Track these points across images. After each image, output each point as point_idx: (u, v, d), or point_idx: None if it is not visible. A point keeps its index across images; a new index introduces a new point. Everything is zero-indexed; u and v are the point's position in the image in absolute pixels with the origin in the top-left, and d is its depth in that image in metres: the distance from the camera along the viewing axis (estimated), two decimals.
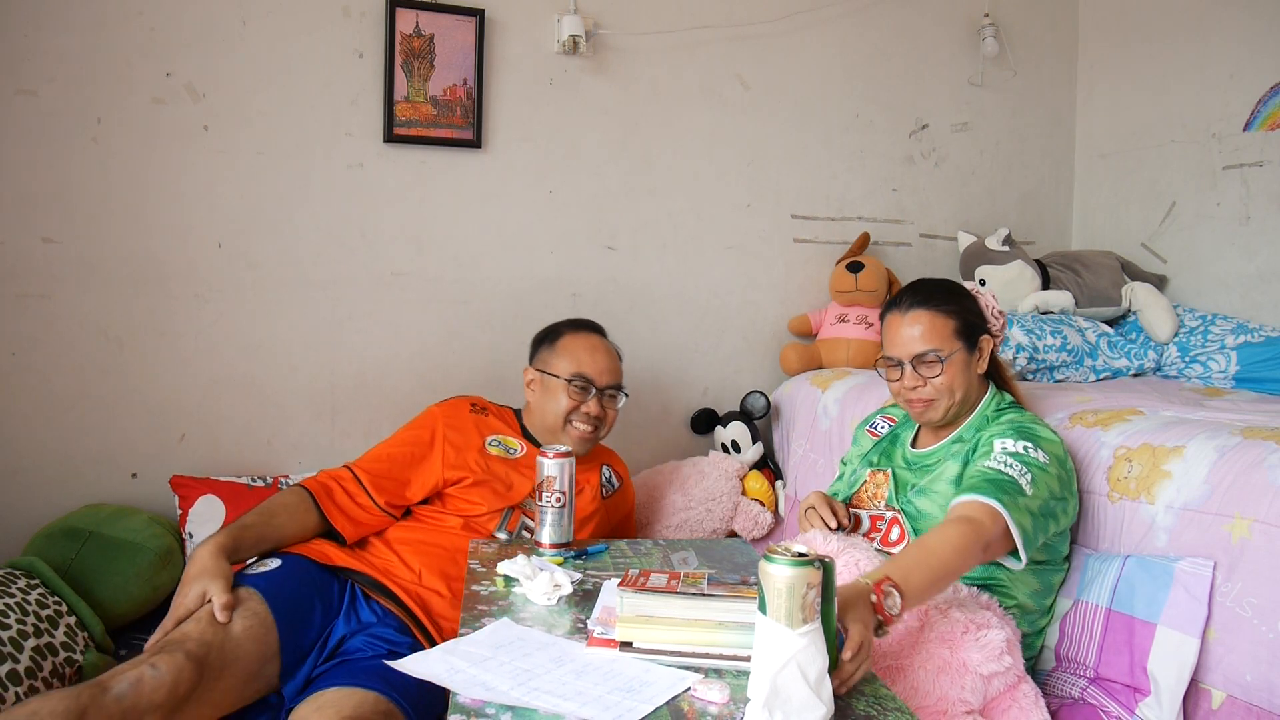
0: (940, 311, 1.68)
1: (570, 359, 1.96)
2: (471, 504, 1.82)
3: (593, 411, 1.94)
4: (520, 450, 1.94)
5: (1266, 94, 2.54)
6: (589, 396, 1.94)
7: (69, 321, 2.10)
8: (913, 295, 1.72)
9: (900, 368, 1.69)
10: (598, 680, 1.07)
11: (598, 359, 1.98)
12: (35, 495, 2.07)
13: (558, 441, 1.93)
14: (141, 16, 2.12)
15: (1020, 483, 1.49)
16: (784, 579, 0.96)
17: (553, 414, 1.93)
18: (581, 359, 1.96)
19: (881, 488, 1.75)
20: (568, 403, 1.92)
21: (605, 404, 1.97)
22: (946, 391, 1.66)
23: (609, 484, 2.07)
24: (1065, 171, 3.15)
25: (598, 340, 2.02)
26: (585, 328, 2.04)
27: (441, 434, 1.87)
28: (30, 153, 2.05)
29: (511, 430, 1.98)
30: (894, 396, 1.76)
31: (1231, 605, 1.47)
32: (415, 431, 1.89)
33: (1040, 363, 2.42)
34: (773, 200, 2.77)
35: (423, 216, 2.38)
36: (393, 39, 2.29)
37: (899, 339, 1.70)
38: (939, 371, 1.65)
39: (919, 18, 2.91)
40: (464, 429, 1.90)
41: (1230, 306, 2.62)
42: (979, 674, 1.37)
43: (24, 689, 1.58)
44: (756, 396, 2.61)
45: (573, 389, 1.93)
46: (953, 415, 1.69)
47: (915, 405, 1.70)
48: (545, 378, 1.97)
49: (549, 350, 2.00)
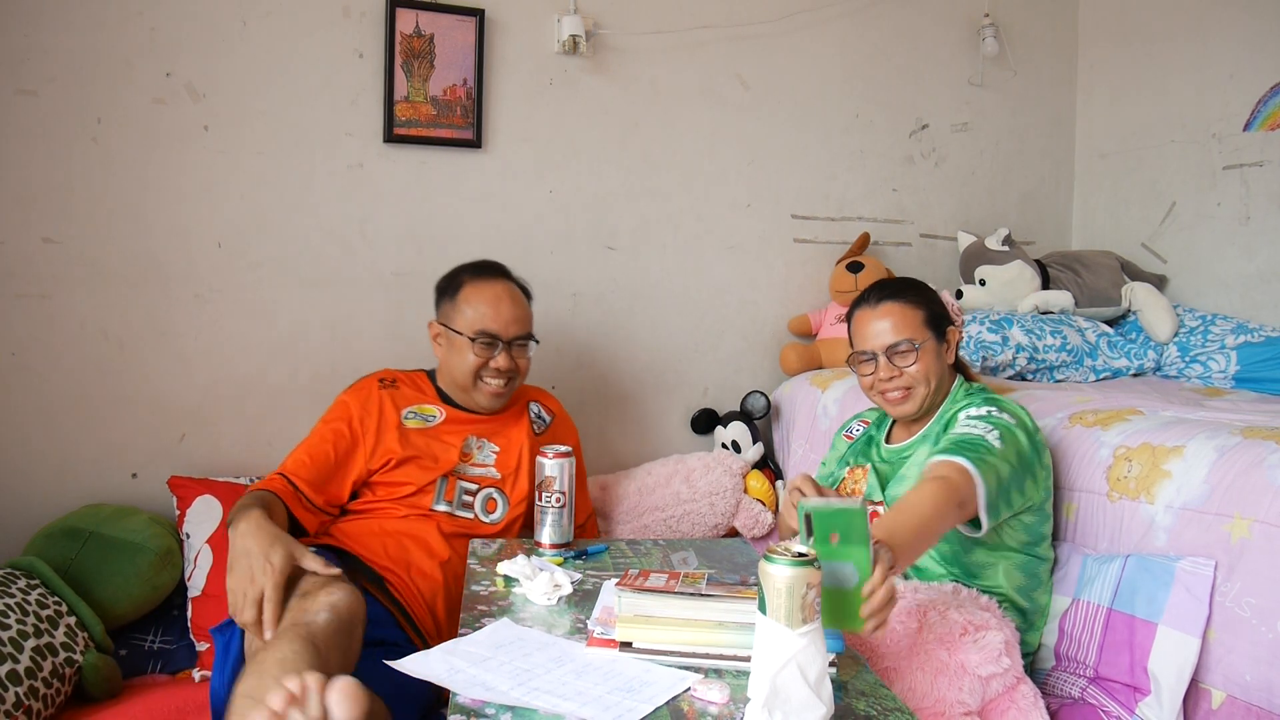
0: (908, 303, 1.72)
1: (473, 312, 1.85)
2: (401, 485, 1.79)
3: (502, 366, 1.84)
4: (439, 415, 1.87)
5: (1266, 94, 2.54)
6: (496, 352, 1.84)
7: (69, 321, 2.10)
8: (879, 291, 1.76)
9: (874, 360, 1.72)
10: (598, 680, 1.07)
11: (502, 310, 1.86)
12: (35, 495, 2.07)
13: (470, 400, 1.88)
14: (141, 16, 2.12)
15: (987, 439, 1.50)
16: (784, 579, 0.96)
17: (461, 372, 1.85)
18: (485, 312, 1.85)
19: (860, 483, 1.76)
20: (474, 360, 1.83)
21: (515, 355, 1.87)
22: (923, 379, 1.69)
23: (539, 420, 1.99)
24: (1065, 171, 3.15)
25: (501, 287, 1.90)
26: (486, 273, 1.92)
27: (359, 422, 1.81)
28: (30, 152, 2.05)
29: (426, 396, 1.90)
30: (867, 393, 1.78)
31: (1231, 605, 1.47)
32: (333, 426, 1.81)
33: (1040, 363, 2.42)
34: (773, 200, 2.77)
35: (423, 216, 2.38)
36: (393, 39, 2.29)
37: (870, 332, 1.73)
38: (913, 360, 1.68)
39: (919, 18, 2.91)
40: (378, 410, 1.83)
41: (1230, 306, 2.62)
42: (977, 675, 1.37)
43: (24, 689, 1.58)
44: (756, 396, 2.61)
45: (478, 346, 1.83)
46: (927, 406, 1.72)
47: (891, 397, 1.72)
48: (449, 334, 1.87)
49: (450, 303, 1.89)
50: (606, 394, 2.61)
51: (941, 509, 1.35)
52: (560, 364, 2.54)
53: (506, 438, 1.92)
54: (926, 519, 1.31)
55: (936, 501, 1.35)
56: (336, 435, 1.79)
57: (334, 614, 1.29)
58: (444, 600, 1.75)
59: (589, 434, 2.58)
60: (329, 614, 1.29)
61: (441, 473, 1.81)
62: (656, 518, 2.38)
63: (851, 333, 1.79)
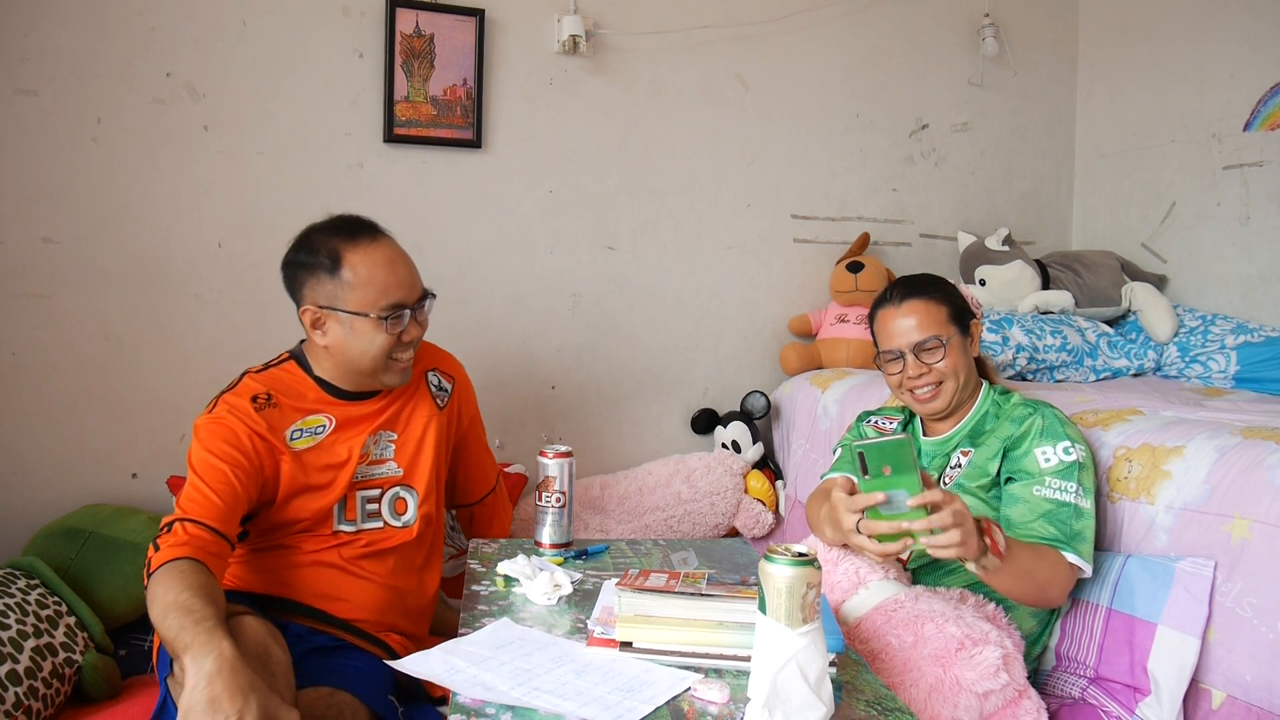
0: (931, 300, 1.71)
1: (370, 286, 1.53)
2: (296, 520, 1.56)
3: (415, 336, 1.59)
4: (328, 424, 1.58)
5: (1266, 94, 2.54)
6: (405, 322, 1.56)
7: (69, 321, 2.10)
8: (902, 288, 1.74)
9: (901, 359, 1.70)
10: (598, 680, 1.07)
11: (399, 272, 1.56)
12: (35, 495, 2.07)
13: (372, 383, 1.60)
14: (141, 16, 2.12)
15: (1079, 505, 1.55)
16: (784, 579, 0.96)
17: (368, 358, 1.54)
18: (384, 281, 1.53)
19: None
20: (385, 340, 1.54)
21: (420, 319, 1.61)
22: (951, 374, 1.68)
23: (441, 391, 1.74)
24: (1065, 171, 3.15)
25: (388, 246, 1.59)
26: (362, 233, 1.57)
27: (251, 450, 1.49)
28: (30, 153, 2.05)
29: (307, 400, 1.59)
30: (895, 392, 1.76)
31: (1231, 605, 1.47)
32: (228, 454, 1.47)
33: (1040, 363, 2.42)
34: (773, 200, 2.77)
35: (423, 216, 2.38)
36: (393, 39, 2.29)
37: (896, 331, 1.71)
38: (941, 356, 1.67)
39: (919, 18, 2.91)
40: (265, 437, 1.51)
41: (1230, 306, 2.62)
42: (973, 692, 1.34)
43: (24, 689, 1.58)
44: (756, 396, 2.61)
45: (389, 323, 1.54)
46: (957, 401, 1.70)
47: (921, 394, 1.70)
48: (343, 316, 1.53)
49: (330, 280, 1.53)
50: (606, 394, 2.61)
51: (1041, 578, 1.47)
52: (560, 364, 2.54)
53: (404, 421, 1.66)
54: (1033, 570, 1.45)
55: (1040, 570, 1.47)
56: (234, 465, 1.46)
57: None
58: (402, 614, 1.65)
59: (589, 434, 2.58)
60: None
61: (339, 494, 1.57)
62: (657, 518, 2.38)
63: (875, 332, 1.77)
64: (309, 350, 1.62)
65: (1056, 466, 1.56)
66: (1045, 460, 1.58)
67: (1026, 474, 1.58)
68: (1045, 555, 1.48)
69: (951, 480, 1.68)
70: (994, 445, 1.65)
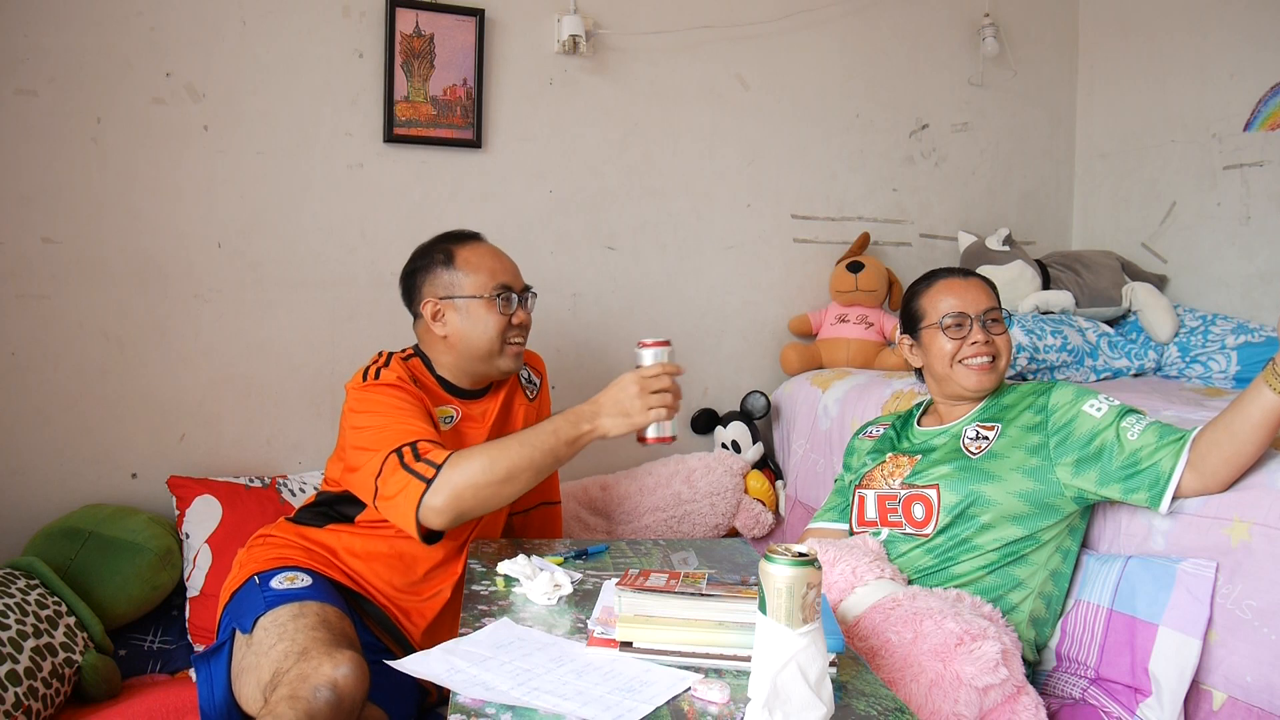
0: (987, 284, 1.76)
1: (481, 271, 1.70)
2: None
3: (525, 320, 1.74)
4: (455, 414, 1.72)
5: (1267, 94, 2.54)
6: (515, 305, 1.72)
7: (69, 321, 2.10)
8: (962, 268, 1.79)
9: (966, 325, 1.68)
10: (598, 680, 1.07)
11: (504, 261, 1.75)
12: (35, 495, 2.07)
13: (489, 372, 1.74)
14: (141, 16, 2.12)
15: (1155, 420, 1.56)
16: (784, 579, 0.96)
17: (485, 340, 1.69)
18: (493, 268, 1.72)
19: (903, 468, 1.74)
20: (499, 320, 1.68)
21: (527, 307, 1.76)
22: (1006, 351, 1.70)
23: (530, 385, 1.89)
24: (1065, 171, 3.15)
25: (491, 244, 1.79)
26: (470, 237, 1.78)
27: (429, 411, 1.63)
28: (30, 153, 2.05)
29: (435, 392, 1.73)
30: (947, 361, 1.70)
31: (1232, 607, 1.47)
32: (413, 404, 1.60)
33: (1040, 363, 2.42)
34: (773, 200, 2.77)
35: (423, 216, 2.38)
36: (393, 39, 2.29)
37: (968, 296, 1.70)
38: (1003, 330, 1.70)
39: (919, 18, 2.91)
40: (426, 405, 1.65)
41: (1230, 306, 2.62)
42: (973, 687, 1.34)
43: (23, 689, 1.58)
44: (757, 396, 2.61)
45: (501, 302, 1.69)
46: (997, 385, 1.71)
47: (978, 364, 1.68)
48: (460, 303, 1.69)
49: (447, 273, 1.71)
50: None
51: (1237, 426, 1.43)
52: (560, 364, 2.54)
53: (511, 416, 1.81)
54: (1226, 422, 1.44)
55: None
56: (420, 414, 1.58)
57: (335, 694, 1.25)
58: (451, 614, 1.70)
59: None
60: (330, 693, 1.24)
61: None
62: (657, 518, 2.38)
63: (930, 301, 1.74)
64: (428, 349, 1.76)
65: (1116, 409, 1.57)
66: (1097, 410, 1.58)
67: (1096, 430, 1.56)
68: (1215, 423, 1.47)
69: (982, 450, 1.66)
70: (1025, 418, 1.64)
